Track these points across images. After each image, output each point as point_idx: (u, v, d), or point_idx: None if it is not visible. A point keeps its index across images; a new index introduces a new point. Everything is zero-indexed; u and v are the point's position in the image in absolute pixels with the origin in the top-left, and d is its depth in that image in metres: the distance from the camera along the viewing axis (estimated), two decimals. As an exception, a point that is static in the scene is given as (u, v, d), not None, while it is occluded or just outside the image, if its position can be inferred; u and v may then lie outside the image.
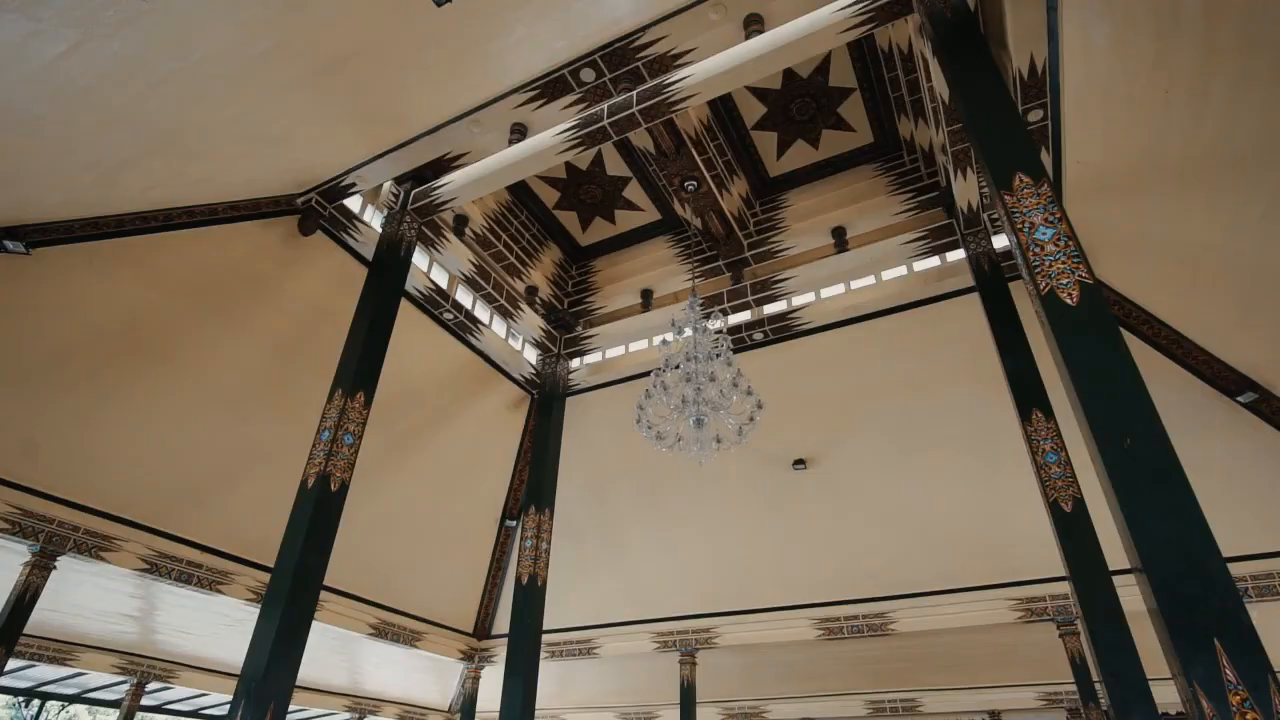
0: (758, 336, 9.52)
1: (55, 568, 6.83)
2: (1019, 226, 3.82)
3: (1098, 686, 7.46)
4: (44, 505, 6.75)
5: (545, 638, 8.18)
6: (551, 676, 11.53)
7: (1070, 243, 3.65)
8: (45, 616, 8.46)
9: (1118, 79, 5.24)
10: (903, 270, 8.84)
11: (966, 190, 7.29)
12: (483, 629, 12.10)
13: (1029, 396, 6.14)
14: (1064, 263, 3.58)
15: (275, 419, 8.10)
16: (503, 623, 11.63)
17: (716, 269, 9.35)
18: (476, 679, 11.98)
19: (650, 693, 12.71)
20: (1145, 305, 7.50)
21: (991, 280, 7.31)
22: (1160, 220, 6.50)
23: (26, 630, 6.87)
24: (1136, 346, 7.52)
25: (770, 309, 9.46)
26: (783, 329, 9.42)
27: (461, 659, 11.85)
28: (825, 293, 9.28)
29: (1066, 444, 5.80)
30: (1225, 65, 4.71)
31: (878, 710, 11.84)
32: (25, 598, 6.63)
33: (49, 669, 10.20)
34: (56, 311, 6.49)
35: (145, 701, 11.14)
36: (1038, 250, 3.69)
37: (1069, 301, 3.46)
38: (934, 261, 8.57)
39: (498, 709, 7.35)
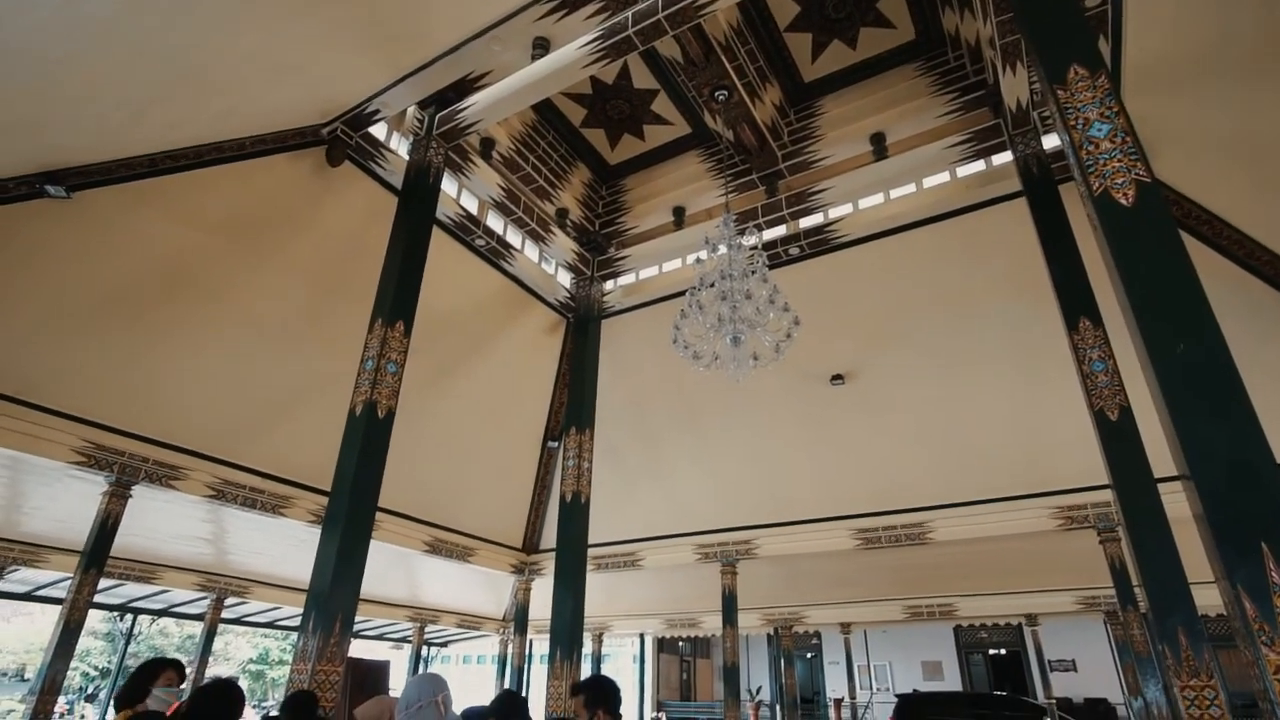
0: (794, 251, 9.31)
1: (131, 496, 7.32)
2: (1072, 123, 3.59)
3: (1137, 590, 7.54)
4: (114, 439, 7.17)
5: (591, 551, 8.51)
6: (599, 587, 12.05)
7: (1128, 139, 3.43)
8: (130, 540, 9.10)
9: (1189, -48, 4.78)
10: (945, 176, 8.46)
11: (1015, 86, 6.86)
12: (531, 544, 12.66)
13: (1077, 304, 5.94)
14: (1120, 160, 3.37)
15: (321, 350, 8.32)
16: (550, 537, 12.15)
17: (750, 183, 9.07)
18: (527, 590, 12.65)
19: (693, 601, 13.29)
20: (1206, 204, 7.10)
21: (1040, 183, 6.96)
22: (1226, 112, 6.05)
23: (114, 553, 7.43)
24: (1195, 248, 7.17)
25: (806, 222, 9.20)
26: (819, 243, 9.19)
27: (512, 572, 12.49)
28: (863, 203, 8.97)
29: (1115, 352, 5.64)
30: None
31: (914, 614, 12.21)
32: (108, 523, 7.16)
33: (137, 587, 11.08)
34: (104, 254, 6.66)
35: (225, 615, 12.06)
36: (1092, 148, 3.48)
37: (1124, 202, 3.28)
38: (979, 166, 8.17)
39: (549, 617, 7.76)
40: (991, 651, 19.00)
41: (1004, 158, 7.82)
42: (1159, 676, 7.35)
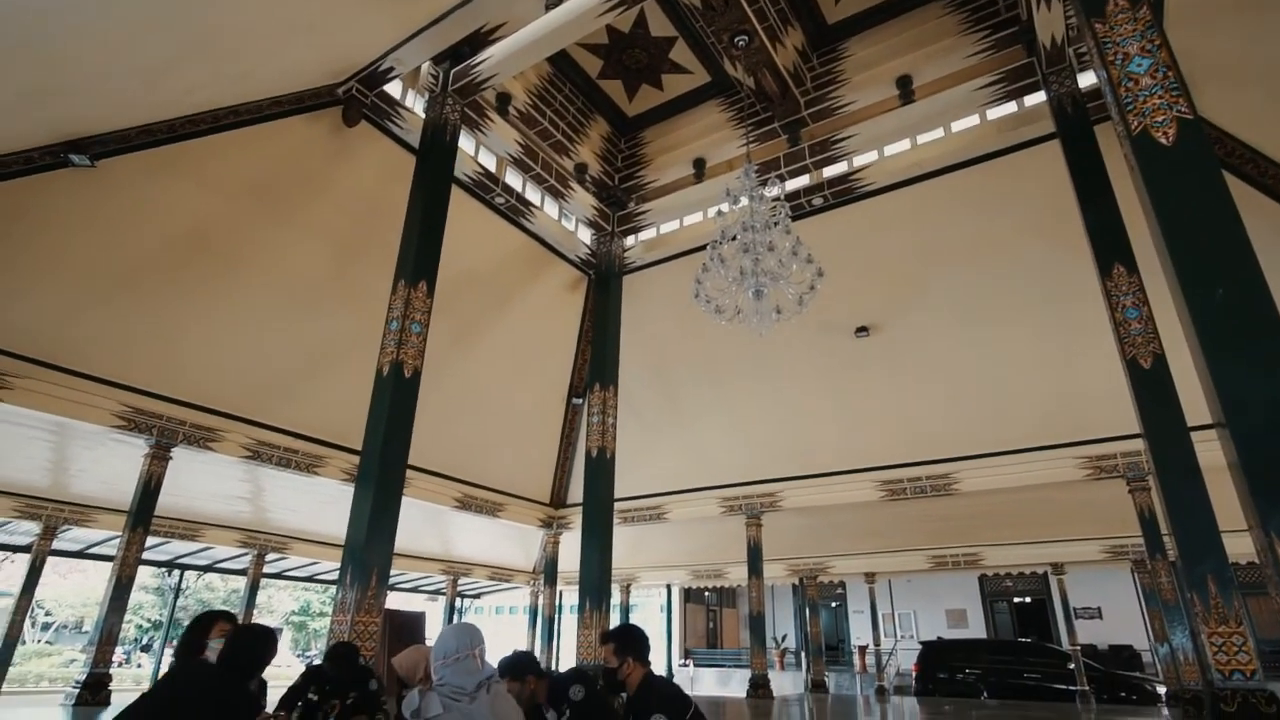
0: (817, 201, 9.13)
1: (171, 458, 7.57)
2: (1110, 59, 3.43)
3: (1166, 539, 7.50)
4: (152, 404, 7.38)
5: (617, 505, 8.64)
6: (625, 539, 12.27)
7: (1169, 74, 3.27)
8: (173, 500, 9.41)
9: None
10: (974, 120, 8.18)
11: (1050, 22, 6.54)
12: (558, 499, 12.89)
13: (1110, 250, 5.76)
14: (1161, 97, 3.22)
15: (348, 312, 8.42)
16: (576, 492, 12.35)
17: (772, 132, 8.85)
18: (556, 544, 12.94)
19: (719, 552, 13.48)
20: (1251, 142, 6.79)
21: (1075, 124, 6.69)
22: (1273, 44, 5.73)
23: (159, 512, 7.72)
24: (1238, 188, 6.89)
25: (830, 171, 8.99)
26: (843, 192, 8.99)
27: (541, 526, 12.76)
28: (889, 150, 8.72)
29: (1150, 298, 5.49)
30: None
31: (939, 564, 12.28)
32: (150, 484, 7.42)
33: (182, 545, 11.53)
34: (131, 221, 6.75)
35: (266, 570, 12.52)
36: (1131, 85, 3.32)
37: (1164, 141, 3.15)
38: (1010, 108, 7.87)
39: (578, 569, 7.94)
40: (1016, 600, 19.12)
41: (1037, 98, 7.53)
42: (1186, 623, 7.35)
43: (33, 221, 6.22)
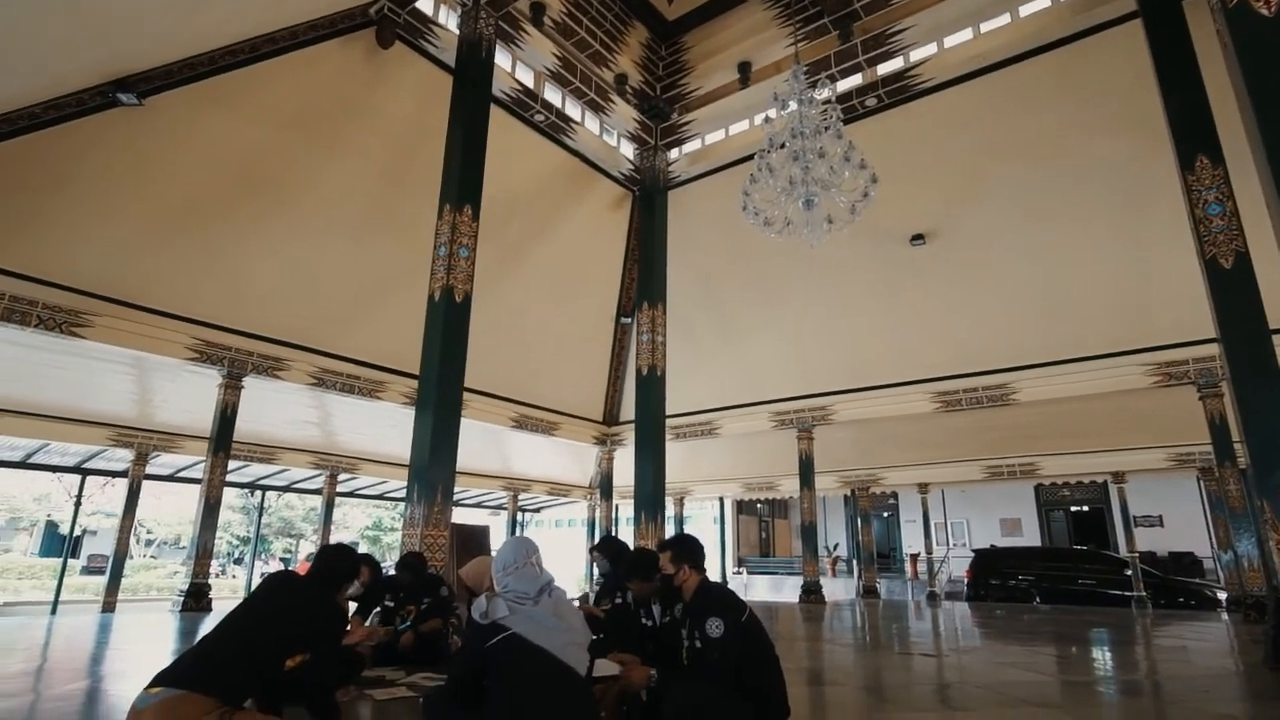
0: (871, 102, 8.63)
1: (243, 387, 7.97)
2: (1206, -80, 3.06)
3: (1237, 446, 7.24)
4: (221, 336, 7.73)
5: (669, 421, 8.78)
6: (678, 454, 12.52)
7: (1275, -68, 2.91)
8: (251, 426, 9.94)
9: None
10: (1045, 1, 7.51)
11: (1137, -119, 5.86)
12: (611, 416, 13.16)
13: (1194, 141, 5.33)
14: (1264, -39, 2.88)
15: (399, 238, 8.52)
16: (629, 410, 12.57)
17: (822, 28, 8.30)
18: (611, 460, 13.31)
19: (771, 465, 13.68)
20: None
21: (1160, 0, 6.08)
22: None
23: (238, 438, 8.22)
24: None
25: (884, 68, 8.44)
26: (899, 90, 8.45)
27: (595, 443, 13.11)
28: (949, 41, 8.10)
29: (1235, 193, 5.10)
30: None
31: (995, 474, 12.20)
32: (227, 411, 7.86)
33: (262, 468, 12.29)
34: (181, 158, 6.88)
35: (339, 489, 13.28)
36: (1229, -51, 2.98)
37: (1265, 12, 2.83)
38: (1087, -16, 7.19)
39: (633, 484, 8.17)
40: (1073, 508, 18.97)
41: (1118, -28, 6.84)
42: (1254, 530, 7.19)
43: (93, 164, 6.40)
